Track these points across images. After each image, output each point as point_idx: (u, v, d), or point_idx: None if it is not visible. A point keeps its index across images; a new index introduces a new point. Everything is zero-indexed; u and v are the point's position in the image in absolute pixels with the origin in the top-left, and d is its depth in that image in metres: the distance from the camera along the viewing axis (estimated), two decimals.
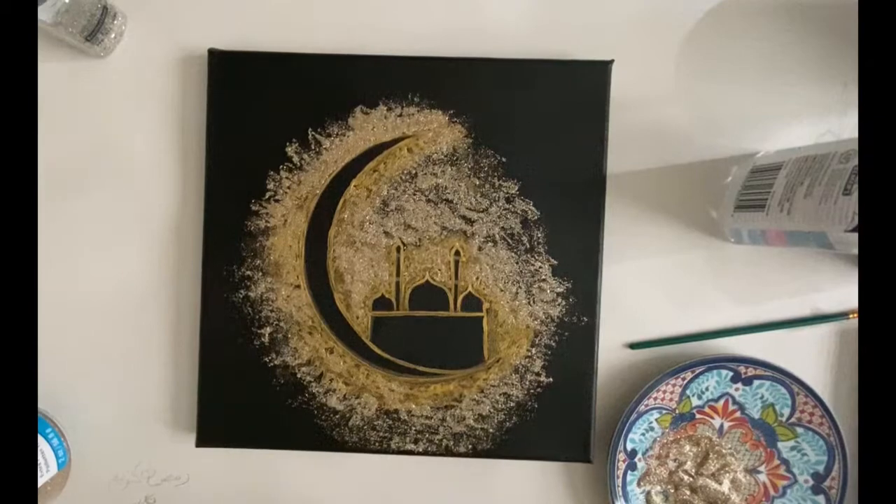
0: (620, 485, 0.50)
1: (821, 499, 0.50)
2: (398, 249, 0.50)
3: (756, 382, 0.50)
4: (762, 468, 0.51)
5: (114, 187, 0.51)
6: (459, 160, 0.49)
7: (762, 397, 0.50)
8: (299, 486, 0.52)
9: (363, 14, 0.50)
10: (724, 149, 0.50)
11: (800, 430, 0.50)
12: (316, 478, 0.52)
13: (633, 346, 0.51)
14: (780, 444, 0.50)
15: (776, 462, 0.51)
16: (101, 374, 0.51)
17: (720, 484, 0.50)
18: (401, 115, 0.49)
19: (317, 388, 0.50)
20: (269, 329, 0.50)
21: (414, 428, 0.50)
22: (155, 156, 0.51)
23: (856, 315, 0.51)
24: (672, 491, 0.51)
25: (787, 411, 0.50)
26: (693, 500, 0.50)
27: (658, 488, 0.51)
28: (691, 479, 0.50)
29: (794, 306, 0.51)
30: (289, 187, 0.49)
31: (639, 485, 0.50)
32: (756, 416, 0.50)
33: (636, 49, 0.50)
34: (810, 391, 0.49)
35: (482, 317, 0.50)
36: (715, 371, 0.50)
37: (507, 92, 0.49)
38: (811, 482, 0.50)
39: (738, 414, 0.51)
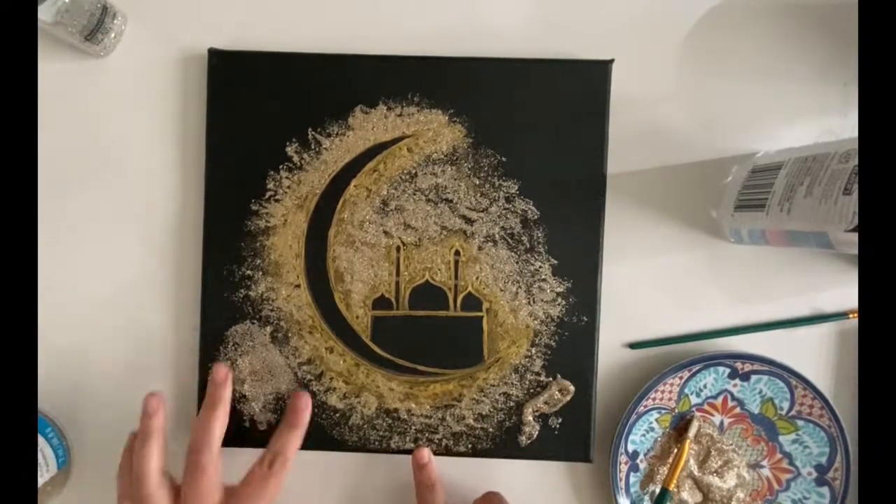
0: (623, 487, 0.50)
1: (825, 490, 0.50)
2: (398, 249, 0.50)
3: (754, 378, 0.50)
4: (765, 463, 0.51)
5: (113, 187, 0.51)
6: (459, 160, 0.49)
7: (761, 392, 0.50)
8: (299, 485, 0.52)
9: (363, 14, 0.50)
10: (724, 149, 0.50)
11: (800, 422, 0.50)
12: (316, 477, 0.52)
13: (633, 346, 0.51)
14: (781, 438, 0.50)
15: (778, 456, 0.51)
16: (102, 374, 0.51)
17: (724, 480, 0.50)
18: (401, 115, 0.49)
19: (317, 387, 0.50)
20: (269, 328, 0.50)
21: (414, 427, 0.50)
22: (155, 155, 0.51)
23: (856, 315, 0.51)
24: (676, 490, 0.51)
25: (786, 405, 0.50)
26: (698, 499, 0.50)
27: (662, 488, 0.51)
28: (695, 477, 0.51)
29: (794, 306, 0.51)
30: (289, 187, 0.49)
31: (642, 486, 0.50)
32: (756, 411, 0.50)
33: (636, 49, 0.50)
34: (808, 384, 0.49)
35: (482, 316, 0.50)
36: (712, 368, 0.50)
37: (507, 92, 0.49)
38: (815, 474, 0.50)
39: (737, 410, 0.51)
